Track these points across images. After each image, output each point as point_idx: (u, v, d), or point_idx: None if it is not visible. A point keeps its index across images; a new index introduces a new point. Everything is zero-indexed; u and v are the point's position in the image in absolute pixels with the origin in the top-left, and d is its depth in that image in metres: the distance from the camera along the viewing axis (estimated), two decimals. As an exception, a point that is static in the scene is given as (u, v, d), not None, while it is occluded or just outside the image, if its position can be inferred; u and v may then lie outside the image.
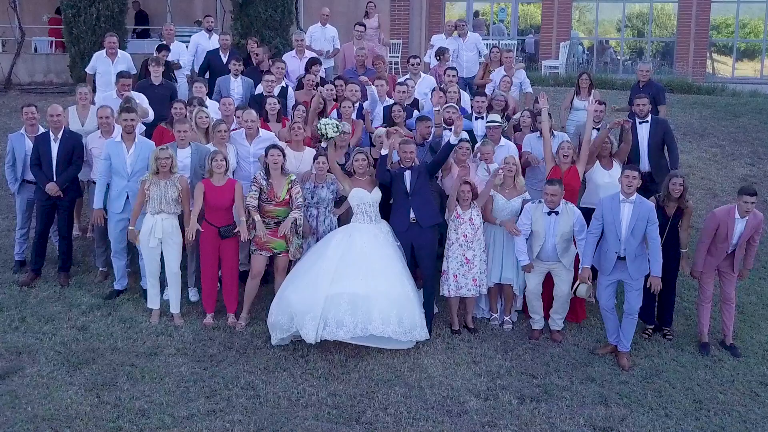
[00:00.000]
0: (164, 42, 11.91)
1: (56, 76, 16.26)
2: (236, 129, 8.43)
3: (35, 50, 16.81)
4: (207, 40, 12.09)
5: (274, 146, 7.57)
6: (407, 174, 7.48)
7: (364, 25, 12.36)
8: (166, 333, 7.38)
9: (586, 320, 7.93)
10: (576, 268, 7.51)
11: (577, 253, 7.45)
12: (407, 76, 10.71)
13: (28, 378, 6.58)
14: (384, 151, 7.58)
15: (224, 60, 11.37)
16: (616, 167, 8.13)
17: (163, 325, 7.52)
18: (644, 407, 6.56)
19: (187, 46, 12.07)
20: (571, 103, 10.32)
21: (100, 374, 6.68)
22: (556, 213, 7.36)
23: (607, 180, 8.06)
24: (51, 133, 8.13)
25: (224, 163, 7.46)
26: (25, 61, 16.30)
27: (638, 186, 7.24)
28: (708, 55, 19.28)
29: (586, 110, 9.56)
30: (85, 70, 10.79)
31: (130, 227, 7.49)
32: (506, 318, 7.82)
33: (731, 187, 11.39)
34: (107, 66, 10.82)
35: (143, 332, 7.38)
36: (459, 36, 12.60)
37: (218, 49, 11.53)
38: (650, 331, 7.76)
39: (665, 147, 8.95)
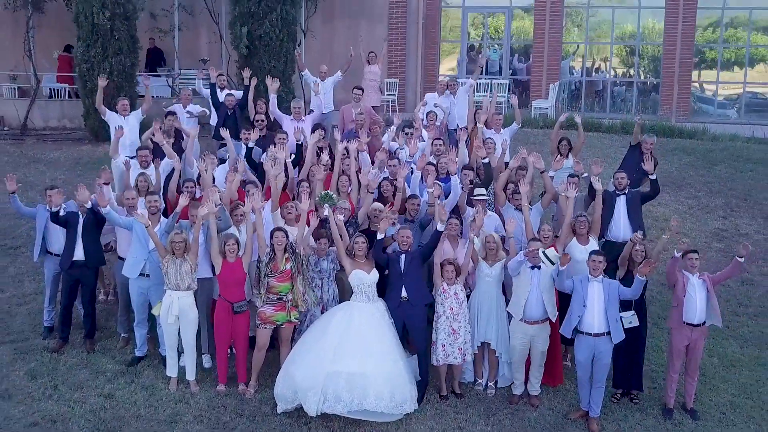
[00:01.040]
0: (180, 102, 12.80)
1: (69, 121, 17.15)
2: None
3: (50, 96, 17.65)
4: (220, 93, 12.96)
5: (279, 229, 8.43)
6: (402, 257, 8.35)
7: (362, 89, 13.19)
8: (184, 400, 8.23)
9: (562, 385, 8.77)
10: (553, 329, 8.39)
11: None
12: (401, 143, 11.48)
13: (63, 447, 7.44)
14: (380, 236, 8.42)
15: (228, 112, 12.39)
16: (593, 243, 8.98)
17: (180, 392, 8.37)
18: (609, 472, 7.43)
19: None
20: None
21: (126, 442, 7.54)
22: (539, 267, 8.26)
23: (584, 256, 8.76)
24: (79, 214, 8.96)
25: (236, 246, 8.31)
26: (40, 107, 17.20)
27: (604, 267, 8.12)
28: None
29: (569, 170, 10.60)
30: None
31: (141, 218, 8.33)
32: (490, 384, 8.69)
33: (704, 242, 12.25)
34: (121, 121, 11.67)
35: (163, 399, 8.23)
36: (450, 93, 13.44)
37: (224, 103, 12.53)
38: (619, 395, 8.61)
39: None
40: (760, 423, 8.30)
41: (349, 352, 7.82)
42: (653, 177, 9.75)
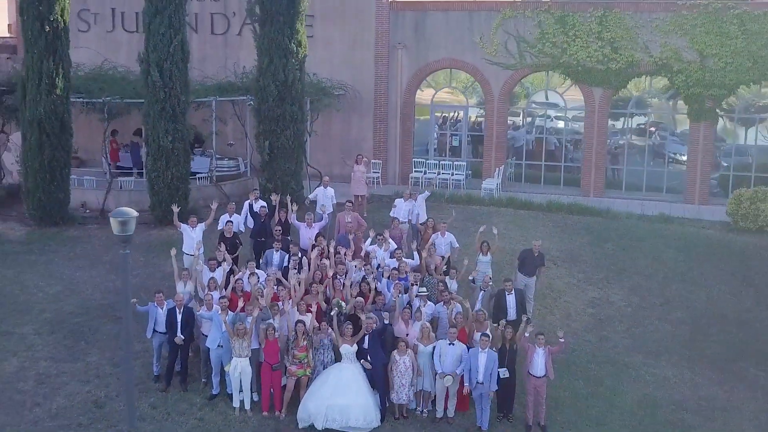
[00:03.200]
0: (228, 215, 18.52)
1: (136, 205, 22.68)
2: None
3: (120, 187, 23.59)
4: (255, 204, 18.78)
5: (300, 321, 14.30)
6: (367, 337, 14.21)
7: (353, 201, 19.15)
8: (245, 421, 14.10)
9: (467, 411, 14.62)
10: (461, 381, 14.23)
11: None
12: (375, 245, 17.27)
13: (180, 450, 13.40)
14: (355, 342, 14.29)
15: (261, 220, 18.25)
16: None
17: (242, 416, 14.23)
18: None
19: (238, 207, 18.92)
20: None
21: (213, 448, 13.53)
22: (453, 344, 14.11)
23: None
24: (177, 308, 14.85)
25: (273, 331, 14.18)
26: (113, 195, 23.07)
27: (489, 345, 14.00)
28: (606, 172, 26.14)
29: (487, 264, 16.61)
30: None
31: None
32: (425, 410, 14.61)
33: (581, 308, 18.12)
34: (189, 232, 17.55)
35: (232, 421, 14.09)
36: (413, 200, 19.41)
37: (258, 213, 18.40)
38: (501, 416, 14.51)
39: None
40: (586, 434, 14.24)
41: (340, 392, 13.76)
42: (528, 317, 15.54)
